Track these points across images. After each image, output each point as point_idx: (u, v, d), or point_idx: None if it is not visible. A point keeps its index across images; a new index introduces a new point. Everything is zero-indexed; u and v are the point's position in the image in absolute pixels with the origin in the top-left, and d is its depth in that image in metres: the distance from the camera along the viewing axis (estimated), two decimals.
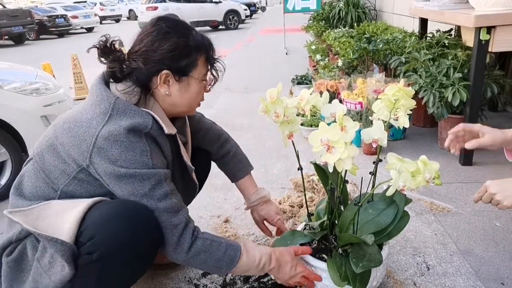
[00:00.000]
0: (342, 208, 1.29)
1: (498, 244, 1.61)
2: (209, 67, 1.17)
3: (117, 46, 1.11)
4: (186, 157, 1.26)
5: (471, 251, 1.58)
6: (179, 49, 1.08)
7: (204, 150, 1.48)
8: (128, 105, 1.06)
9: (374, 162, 1.19)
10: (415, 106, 1.13)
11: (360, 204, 1.17)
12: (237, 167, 1.49)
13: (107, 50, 1.09)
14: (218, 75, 1.21)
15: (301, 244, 1.30)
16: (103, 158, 1.01)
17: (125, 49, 1.14)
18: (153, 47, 1.06)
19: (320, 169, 1.28)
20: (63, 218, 0.99)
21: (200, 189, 1.49)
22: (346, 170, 1.09)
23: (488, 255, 1.55)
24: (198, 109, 1.30)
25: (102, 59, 1.10)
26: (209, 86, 1.22)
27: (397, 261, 1.54)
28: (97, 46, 1.10)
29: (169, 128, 1.12)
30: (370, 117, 1.21)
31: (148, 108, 1.10)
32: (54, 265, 0.99)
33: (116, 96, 1.06)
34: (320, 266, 1.23)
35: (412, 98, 1.12)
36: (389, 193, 1.06)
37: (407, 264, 1.52)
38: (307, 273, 1.22)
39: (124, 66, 1.08)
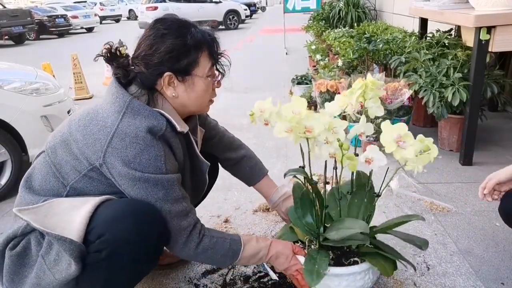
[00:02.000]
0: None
1: (498, 244, 1.61)
2: (212, 62, 1.16)
3: (122, 51, 1.13)
4: (200, 155, 1.28)
5: (471, 251, 1.58)
6: (176, 49, 1.07)
7: (213, 157, 1.47)
8: (142, 105, 1.07)
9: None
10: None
11: (379, 194, 1.20)
12: (253, 171, 1.51)
13: (111, 57, 1.11)
14: (223, 70, 1.20)
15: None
16: (117, 159, 1.02)
17: (124, 49, 1.15)
18: (151, 51, 1.07)
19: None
20: (71, 216, 1.00)
21: (205, 195, 1.49)
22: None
23: (488, 255, 1.55)
24: None
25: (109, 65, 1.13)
26: (216, 81, 1.20)
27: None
28: (101, 54, 1.12)
29: (181, 126, 1.13)
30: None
31: (158, 108, 1.11)
32: (59, 262, 1.00)
33: (132, 96, 1.08)
34: (351, 271, 1.21)
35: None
36: (411, 167, 1.05)
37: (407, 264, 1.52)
38: (300, 267, 1.24)
39: (128, 71, 1.10)
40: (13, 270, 1.06)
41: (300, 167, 1.23)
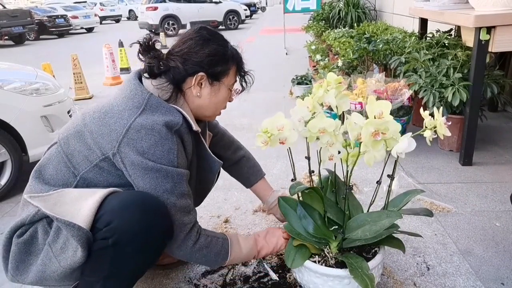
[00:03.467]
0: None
1: (498, 244, 1.62)
2: (238, 78, 1.27)
3: (157, 46, 1.19)
4: (212, 154, 1.32)
5: (471, 251, 1.58)
6: (217, 55, 1.17)
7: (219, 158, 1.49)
8: (161, 101, 1.12)
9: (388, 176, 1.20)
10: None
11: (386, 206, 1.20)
12: (251, 172, 1.55)
13: (148, 47, 1.16)
14: (246, 86, 1.31)
15: None
16: (131, 149, 1.05)
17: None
18: (195, 50, 1.15)
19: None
20: (80, 205, 1.02)
21: (206, 195, 1.50)
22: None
23: (488, 255, 1.55)
24: None
25: (141, 55, 1.17)
26: (234, 96, 1.30)
27: (397, 261, 1.54)
28: (140, 42, 1.17)
29: (196, 126, 1.18)
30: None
31: (177, 106, 1.15)
32: (65, 250, 1.01)
33: (150, 92, 1.12)
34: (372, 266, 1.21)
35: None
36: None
37: (407, 264, 1.52)
38: (285, 234, 1.36)
39: (161, 64, 1.14)
40: (19, 257, 1.07)
41: (305, 157, 1.28)
